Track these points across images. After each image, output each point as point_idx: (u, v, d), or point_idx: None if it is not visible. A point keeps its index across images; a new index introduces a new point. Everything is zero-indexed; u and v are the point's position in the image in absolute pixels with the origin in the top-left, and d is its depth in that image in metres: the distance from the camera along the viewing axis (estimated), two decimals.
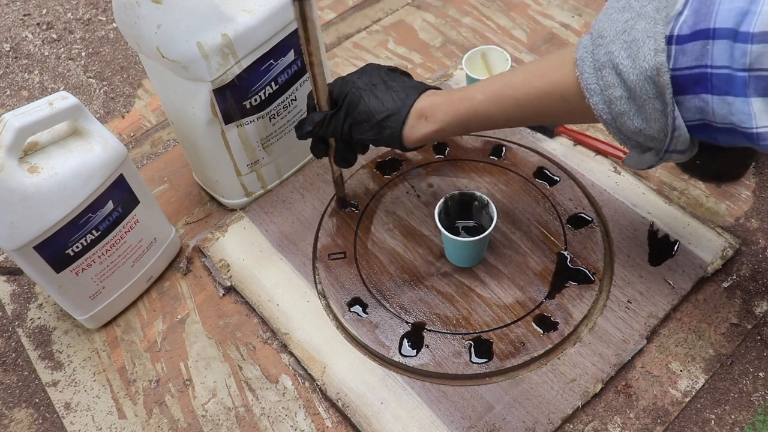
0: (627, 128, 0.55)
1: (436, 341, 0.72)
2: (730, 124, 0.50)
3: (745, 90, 0.47)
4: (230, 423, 0.71)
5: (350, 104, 0.68)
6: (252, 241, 0.85)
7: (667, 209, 0.82)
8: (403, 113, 0.67)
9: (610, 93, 0.53)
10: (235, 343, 0.77)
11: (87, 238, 0.70)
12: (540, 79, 0.60)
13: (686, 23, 0.49)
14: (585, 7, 1.11)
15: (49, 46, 1.20)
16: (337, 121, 0.69)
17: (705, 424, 0.68)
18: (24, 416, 0.75)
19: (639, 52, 0.50)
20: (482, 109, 0.64)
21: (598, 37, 0.54)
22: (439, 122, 0.67)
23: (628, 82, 0.52)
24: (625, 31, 0.52)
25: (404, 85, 0.69)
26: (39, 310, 0.83)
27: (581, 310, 0.73)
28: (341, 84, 0.70)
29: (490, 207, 0.74)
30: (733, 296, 0.76)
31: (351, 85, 0.69)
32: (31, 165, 0.64)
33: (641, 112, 0.53)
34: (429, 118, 0.67)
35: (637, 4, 0.52)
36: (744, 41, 0.46)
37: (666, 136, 0.53)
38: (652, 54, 0.50)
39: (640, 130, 0.54)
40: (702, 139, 0.54)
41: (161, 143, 1.01)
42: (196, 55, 0.67)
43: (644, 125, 0.54)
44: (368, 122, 0.68)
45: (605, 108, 0.55)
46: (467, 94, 0.65)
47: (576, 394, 0.69)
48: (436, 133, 0.67)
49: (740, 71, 0.47)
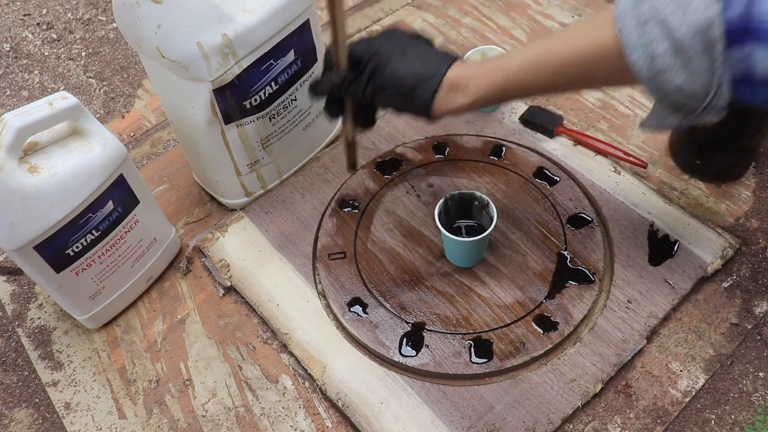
0: (667, 85, 0.53)
1: (436, 341, 0.72)
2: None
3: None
4: (230, 423, 0.71)
5: (376, 67, 0.64)
6: (252, 241, 0.85)
7: (667, 209, 0.82)
8: (435, 82, 0.63)
9: (653, 48, 0.51)
10: (235, 343, 0.77)
11: (87, 238, 0.70)
12: (579, 40, 0.57)
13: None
14: (585, 7, 1.10)
15: (49, 46, 1.20)
16: (358, 85, 0.65)
17: (705, 424, 0.68)
18: (24, 416, 0.75)
19: (690, 5, 0.48)
20: (519, 78, 0.61)
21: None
22: (472, 95, 0.63)
23: (677, 36, 0.49)
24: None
25: (434, 52, 0.65)
26: (39, 310, 0.83)
27: (581, 310, 0.73)
28: (365, 45, 0.65)
29: (490, 207, 0.74)
30: (733, 296, 0.76)
31: (377, 47, 0.64)
32: (31, 165, 0.64)
33: (686, 67, 0.51)
34: (462, 89, 0.63)
35: None
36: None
37: (708, 94, 0.52)
38: (703, 7, 0.48)
39: (681, 88, 0.52)
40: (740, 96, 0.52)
41: (161, 143, 1.01)
42: (196, 55, 0.67)
43: (688, 81, 0.52)
44: (395, 88, 0.64)
45: (646, 65, 0.52)
46: (502, 64, 0.62)
47: (576, 394, 0.69)
48: (469, 105, 0.64)
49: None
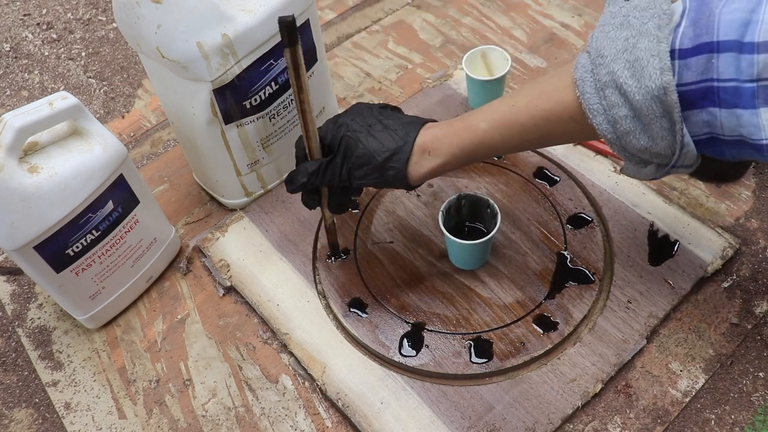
0: (633, 146, 0.54)
1: (436, 341, 0.72)
2: (738, 137, 0.49)
3: (753, 101, 0.46)
4: (230, 423, 0.71)
5: (347, 148, 0.64)
6: (252, 241, 0.85)
7: (667, 209, 0.82)
8: (406, 151, 0.63)
9: (615, 113, 0.52)
10: (235, 343, 0.77)
11: (87, 238, 0.70)
12: (544, 101, 0.58)
13: (686, 36, 0.48)
14: (585, 7, 1.11)
15: (49, 46, 1.20)
16: (334, 168, 0.65)
17: (705, 424, 0.68)
18: (24, 416, 0.75)
19: (644, 72, 0.49)
20: (487, 138, 0.62)
21: (598, 56, 0.52)
22: (443, 155, 0.63)
23: (634, 102, 0.50)
24: (627, 49, 0.50)
25: (401, 122, 0.65)
26: (39, 310, 0.83)
27: (581, 310, 0.73)
28: (333, 128, 0.66)
29: (497, 218, 0.73)
30: (733, 296, 0.76)
31: (345, 128, 0.65)
32: (31, 165, 0.64)
33: (647, 130, 0.52)
34: (432, 152, 0.63)
35: (636, 21, 0.50)
36: (750, 52, 0.45)
37: (673, 153, 0.52)
38: (658, 73, 0.48)
39: (647, 148, 0.53)
40: (709, 153, 0.53)
41: (161, 143, 1.01)
42: (196, 55, 0.67)
43: (651, 143, 0.52)
44: (369, 165, 0.64)
45: (609, 128, 0.53)
46: (470, 123, 0.62)
47: (576, 394, 0.69)
48: (441, 166, 0.64)
49: (748, 83, 0.46)
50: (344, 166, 0.65)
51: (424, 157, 0.64)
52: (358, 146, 0.64)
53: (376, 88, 1.03)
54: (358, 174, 0.65)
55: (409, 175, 0.65)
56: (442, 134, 0.64)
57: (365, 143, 0.64)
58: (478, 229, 0.79)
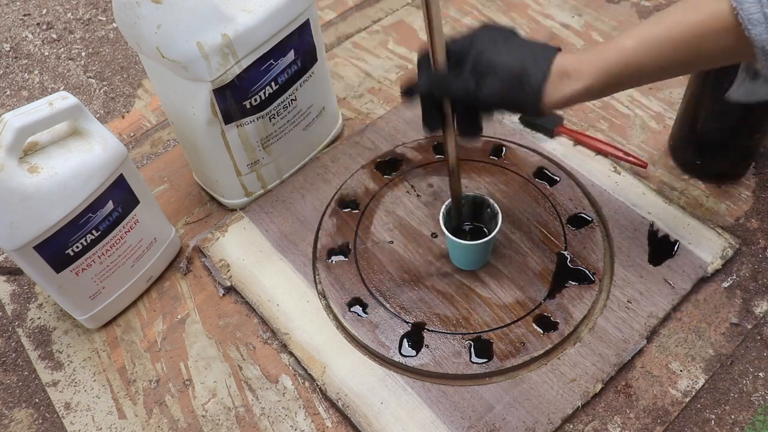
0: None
1: (436, 341, 0.72)
2: None
3: None
4: (230, 423, 0.71)
5: (478, 58, 0.59)
6: (252, 241, 0.85)
7: (667, 209, 0.82)
8: (543, 69, 0.58)
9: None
10: (235, 343, 0.77)
11: (87, 238, 0.70)
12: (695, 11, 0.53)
13: None
14: (585, 7, 1.10)
15: (49, 46, 1.20)
16: (462, 79, 0.59)
17: (705, 424, 0.68)
18: (24, 416, 0.75)
19: None
20: (635, 59, 0.56)
21: None
22: (585, 78, 0.57)
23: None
24: None
25: (536, 43, 0.60)
26: (39, 310, 0.83)
27: (581, 310, 0.73)
28: (463, 40, 0.61)
29: (498, 217, 0.73)
30: (733, 296, 0.76)
31: (476, 39, 0.60)
32: (31, 165, 0.64)
33: None
34: (573, 74, 0.58)
35: None
36: None
37: None
38: None
39: None
40: None
41: (161, 143, 1.01)
42: (196, 55, 0.67)
43: None
44: (502, 80, 0.58)
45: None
46: (615, 44, 0.57)
47: (576, 394, 0.69)
48: (584, 91, 0.58)
49: None
50: (473, 78, 0.59)
51: (563, 79, 0.58)
52: (491, 57, 0.59)
53: (376, 88, 1.03)
54: (489, 89, 0.59)
55: (545, 97, 0.59)
56: (585, 57, 0.58)
57: (497, 56, 0.58)
58: (479, 229, 0.79)
